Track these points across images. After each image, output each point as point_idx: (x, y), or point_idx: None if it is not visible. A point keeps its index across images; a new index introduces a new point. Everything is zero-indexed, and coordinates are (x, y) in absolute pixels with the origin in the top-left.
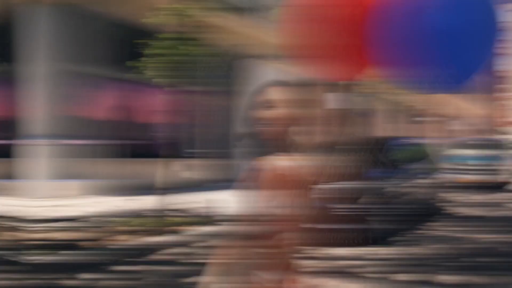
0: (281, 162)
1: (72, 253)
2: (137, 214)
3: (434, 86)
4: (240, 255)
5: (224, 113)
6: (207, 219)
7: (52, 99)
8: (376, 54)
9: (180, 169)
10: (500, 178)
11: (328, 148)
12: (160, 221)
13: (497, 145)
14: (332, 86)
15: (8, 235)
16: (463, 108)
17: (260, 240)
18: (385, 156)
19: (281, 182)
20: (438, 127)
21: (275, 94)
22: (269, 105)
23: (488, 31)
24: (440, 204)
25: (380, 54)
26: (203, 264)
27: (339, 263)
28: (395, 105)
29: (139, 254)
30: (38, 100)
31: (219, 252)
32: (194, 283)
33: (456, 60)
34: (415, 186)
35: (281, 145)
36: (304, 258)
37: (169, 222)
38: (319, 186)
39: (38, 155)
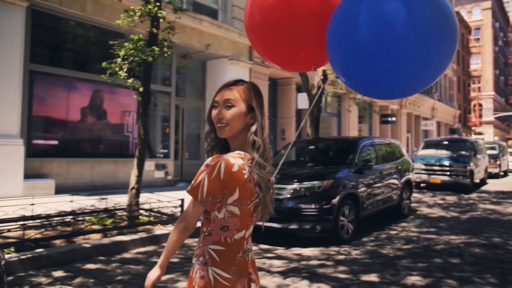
0: (230, 159)
1: (47, 250)
2: (109, 213)
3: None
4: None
5: (195, 114)
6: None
7: (25, 99)
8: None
9: (153, 169)
10: (471, 178)
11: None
12: (133, 220)
13: (470, 145)
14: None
15: None
16: (436, 107)
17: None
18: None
19: (227, 178)
20: (411, 126)
21: (231, 94)
22: (227, 104)
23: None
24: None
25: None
26: (173, 263)
27: (308, 263)
28: (366, 104)
29: (111, 252)
30: (10, 100)
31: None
32: (164, 283)
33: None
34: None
35: (236, 144)
36: (273, 258)
37: (142, 221)
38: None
39: (11, 154)
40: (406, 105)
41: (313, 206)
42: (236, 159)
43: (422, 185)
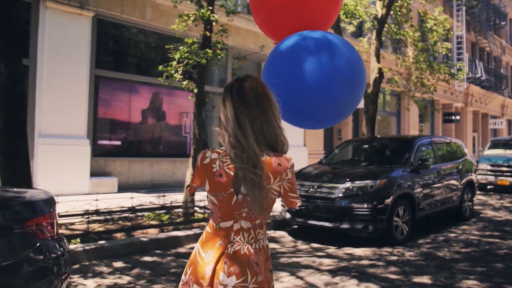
0: (207, 152)
1: (109, 242)
2: (166, 209)
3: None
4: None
5: None
6: None
7: (91, 103)
8: None
9: None
10: None
11: None
12: (188, 217)
13: None
14: None
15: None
16: (507, 104)
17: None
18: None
19: (200, 168)
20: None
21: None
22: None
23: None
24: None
25: None
26: None
27: (358, 262)
28: (426, 103)
29: (167, 246)
30: (78, 104)
31: None
32: None
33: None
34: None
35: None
36: (323, 256)
37: (196, 217)
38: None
39: (79, 154)
40: (471, 103)
41: (365, 206)
42: (213, 153)
43: (488, 187)
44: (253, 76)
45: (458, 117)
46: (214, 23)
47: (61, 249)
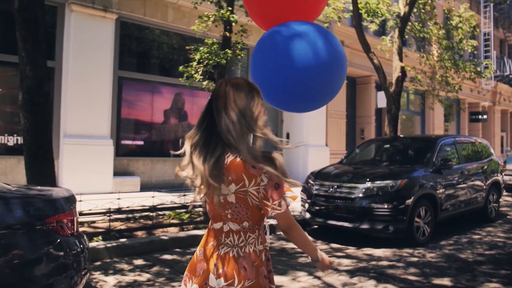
0: None
1: (130, 240)
2: (187, 209)
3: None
4: None
5: (273, 114)
6: None
7: (114, 103)
8: None
9: None
10: None
11: None
12: (208, 216)
13: None
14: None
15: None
16: None
17: None
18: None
19: None
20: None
21: None
22: None
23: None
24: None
25: None
26: None
27: (378, 263)
28: (451, 102)
29: (186, 245)
30: (102, 105)
31: None
32: None
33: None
34: None
35: None
36: (342, 257)
37: None
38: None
39: (103, 154)
40: (500, 101)
41: (385, 206)
42: None
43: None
44: (228, 78)
45: (485, 116)
46: (233, 24)
47: (81, 245)
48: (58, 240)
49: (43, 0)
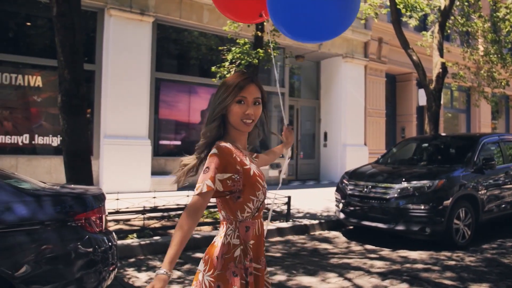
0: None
1: (163, 238)
2: None
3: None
4: None
5: (310, 113)
6: (285, 216)
7: (151, 104)
8: None
9: (267, 168)
10: None
11: None
12: None
13: None
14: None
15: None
16: None
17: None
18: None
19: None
20: None
21: (257, 90)
22: (257, 101)
23: None
24: None
25: None
26: (275, 258)
27: (412, 266)
28: (498, 98)
29: None
30: (140, 106)
31: None
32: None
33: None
34: None
35: (248, 137)
36: (375, 258)
37: None
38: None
39: (141, 154)
40: None
41: (422, 207)
42: None
43: None
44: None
45: None
46: (265, 23)
47: (109, 242)
48: (87, 237)
49: (80, 6)
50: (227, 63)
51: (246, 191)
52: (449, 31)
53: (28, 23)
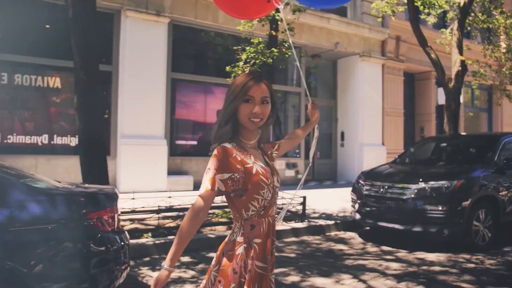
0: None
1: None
2: None
3: None
4: None
5: (327, 113)
6: (301, 216)
7: (167, 105)
8: None
9: (283, 168)
10: None
11: None
12: None
13: None
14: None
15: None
16: None
17: None
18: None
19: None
20: None
21: (265, 90)
22: (265, 100)
23: None
24: None
25: None
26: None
27: (429, 268)
28: None
29: None
30: (157, 106)
31: None
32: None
33: None
34: None
35: (258, 135)
36: (391, 260)
37: None
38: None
39: (157, 153)
40: None
41: (440, 208)
42: None
43: None
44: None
45: None
46: (279, 22)
47: (121, 242)
48: (99, 235)
49: (95, 8)
50: (241, 63)
51: (249, 189)
52: (469, 28)
53: (47, 26)
